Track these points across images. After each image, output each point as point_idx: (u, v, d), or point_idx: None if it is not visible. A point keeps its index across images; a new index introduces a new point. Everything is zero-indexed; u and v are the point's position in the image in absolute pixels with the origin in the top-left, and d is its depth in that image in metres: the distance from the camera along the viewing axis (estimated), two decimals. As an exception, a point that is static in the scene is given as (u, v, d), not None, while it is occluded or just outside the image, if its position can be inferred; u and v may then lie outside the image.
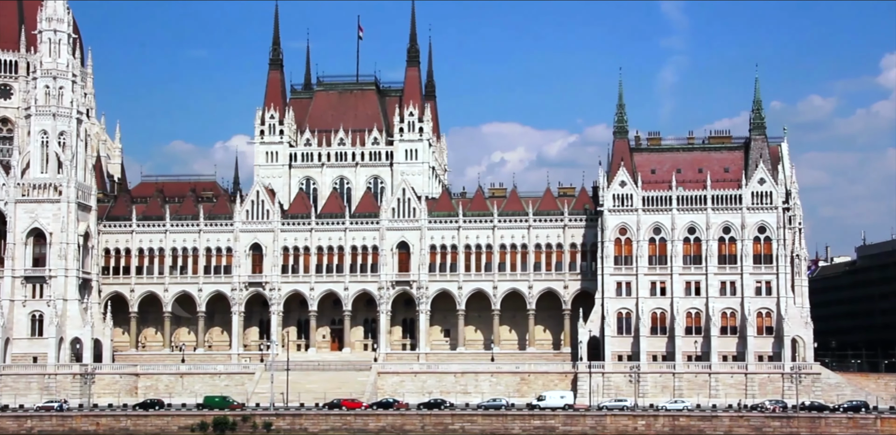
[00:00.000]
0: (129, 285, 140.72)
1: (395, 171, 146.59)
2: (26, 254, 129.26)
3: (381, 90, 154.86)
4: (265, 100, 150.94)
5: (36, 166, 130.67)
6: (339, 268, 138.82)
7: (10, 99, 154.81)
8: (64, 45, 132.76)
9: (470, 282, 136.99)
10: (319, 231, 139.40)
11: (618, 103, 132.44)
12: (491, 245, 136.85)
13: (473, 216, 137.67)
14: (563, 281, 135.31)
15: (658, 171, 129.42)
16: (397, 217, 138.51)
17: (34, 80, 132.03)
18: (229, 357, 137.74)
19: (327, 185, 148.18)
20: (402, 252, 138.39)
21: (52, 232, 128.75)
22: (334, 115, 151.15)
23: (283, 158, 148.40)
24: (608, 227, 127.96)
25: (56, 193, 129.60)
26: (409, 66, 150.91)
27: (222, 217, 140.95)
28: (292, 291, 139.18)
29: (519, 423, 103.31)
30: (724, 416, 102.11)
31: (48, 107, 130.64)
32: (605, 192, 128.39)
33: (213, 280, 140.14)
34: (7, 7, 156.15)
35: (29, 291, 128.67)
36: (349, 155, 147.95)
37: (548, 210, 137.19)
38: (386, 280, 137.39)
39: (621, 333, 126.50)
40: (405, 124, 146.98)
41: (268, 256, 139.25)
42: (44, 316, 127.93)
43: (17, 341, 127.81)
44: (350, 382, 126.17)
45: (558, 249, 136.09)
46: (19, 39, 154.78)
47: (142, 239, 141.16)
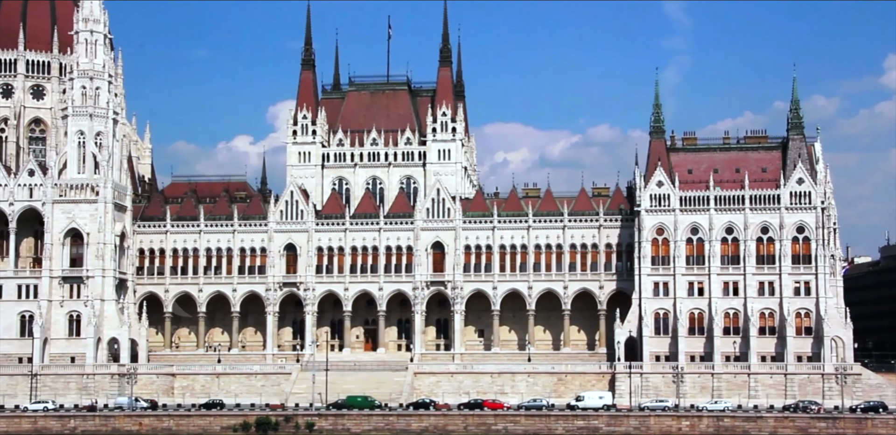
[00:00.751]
0: (163, 286, 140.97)
1: (428, 171, 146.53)
2: (63, 254, 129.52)
3: (413, 90, 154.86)
4: (297, 100, 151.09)
5: (73, 167, 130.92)
6: (374, 268, 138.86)
7: (42, 99, 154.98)
8: (100, 45, 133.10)
9: (505, 282, 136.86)
10: (354, 231, 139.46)
11: (654, 103, 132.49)
12: (526, 245, 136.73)
13: (508, 216, 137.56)
14: (598, 281, 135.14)
15: (695, 171, 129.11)
16: (432, 217, 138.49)
17: (71, 80, 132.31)
18: (264, 357, 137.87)
19: (360, 185, 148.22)
20: (437, 252, 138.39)
21: (90, 232, 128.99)
22: (367, 115, 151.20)
23: (315, 159, 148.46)
24: (645, 227, 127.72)
25: (93, 194, 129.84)
26: (442, 66, 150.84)
27: (256, 217, 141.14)
28: (326, 292, 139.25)
29: (562, 423, 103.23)
30: (769, 416, 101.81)
31: (85, 107, 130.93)
32: (641, 193, 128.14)
33: (248, 280, 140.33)
34: (40, 8, 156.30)
35: (66, 291, 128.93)
36: (382, 155, 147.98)
37: (583, 210, 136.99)
38: (420, 280, 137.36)
39: (659, 333, 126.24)
40: (438, 124, 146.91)
41: (302, 256, 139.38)
42: (81, 316, 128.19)
43: (55, 341, 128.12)
44: (387, 383, 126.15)
45: (593, 249, 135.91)
46: (52, 40, 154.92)
47: (176, 239, 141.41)
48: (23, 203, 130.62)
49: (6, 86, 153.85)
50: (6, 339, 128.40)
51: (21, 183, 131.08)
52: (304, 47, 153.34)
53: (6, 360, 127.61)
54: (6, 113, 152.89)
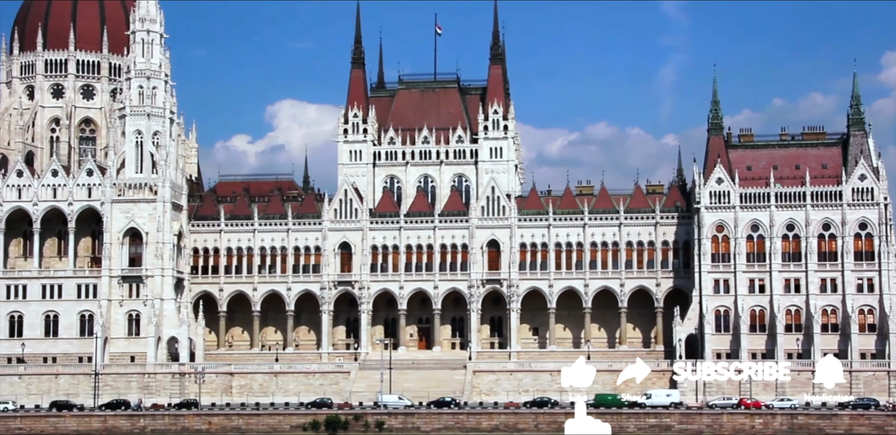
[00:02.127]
0: (217, 284, 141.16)
1: (480, 169, 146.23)
2: (122, 254, 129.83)
3: (461, 88, 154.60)
4: (348, 99, 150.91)
5: (131, 166, 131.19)
6: (429, 266, 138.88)
7: (92, 99, 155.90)
8: (156, 45, 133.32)
9: (561, 280, 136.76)
10: (408, 230, 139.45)
11: (712, 100, 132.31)
12: (582, 243, 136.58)
13: (564, 214, 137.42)
14: (655, 279, 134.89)
15: (754, 168, 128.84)
16: (487, 215, 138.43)
17: (128, 80, 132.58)
18: (319, 356, 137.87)
19: (411, 183, 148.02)
20: (492, 250, 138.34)
21: (148, 232, 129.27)
22: (417, 113, 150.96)
23: (366, 157, 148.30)
24: (705, 224, 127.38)
25: (151, 193, 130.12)
26: (493, 63, 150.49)
27: (310, 216, 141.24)
28: (381, 290, 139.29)
29: (633, 421, 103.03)
30: (844, 414, 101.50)
31: (142, 107, 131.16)
32: (701, 190, 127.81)
33: (302, 279, 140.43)
34: (89, 9, 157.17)
35: (125, 290, 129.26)
36: (433, 153, 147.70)
37: (638, 208, 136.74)
38: (476, 279, 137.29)
39: (720, 330, 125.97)
40: (490, 122, 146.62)
41: (357, 254, 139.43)
42: (140, 315, 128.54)
43: (115, 341, 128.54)
44: (447, 381, 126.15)
45: (650, 246, 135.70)
46: (101, 40, 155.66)
47: (230, 238, 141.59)
48: (82, 203, 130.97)
49: (57, 86, 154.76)
50: (66, 338, 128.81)
51: (80, 183, 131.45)
52: (353, 46, 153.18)
53: (67, 359, 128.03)
54: (58, 113, 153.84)
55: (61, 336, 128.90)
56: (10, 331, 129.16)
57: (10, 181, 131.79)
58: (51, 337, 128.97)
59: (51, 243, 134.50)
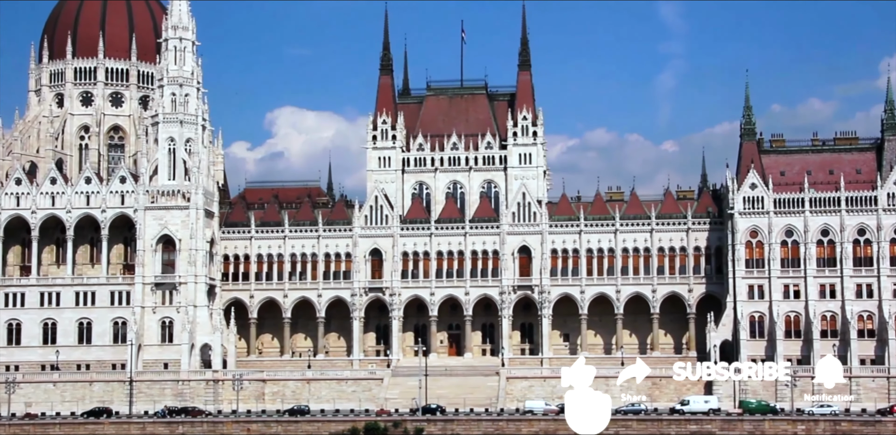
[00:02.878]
0: (248, 291, 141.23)
1: (509, 175, 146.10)
2: (155, 260, 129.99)
3: (489, 94, 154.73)
4: (376, 105, 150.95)
5: (164, 173, 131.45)
6: (460, 273, 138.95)
7: (121, 107, 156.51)
8: (189, 52, 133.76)
9: (592, 286, 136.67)
10: (439, 236, 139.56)
11: (745, 105, 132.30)
12: (613, 249, 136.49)
13: (595, 220, 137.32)
14: (687, 284, 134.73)
15: (787, 174, 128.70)
16: (517, 221, 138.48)
17: (160, 87, 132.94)
18: (350, 363, 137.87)
19: (440, 189, 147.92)
20: (523, 256, 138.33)
21: (181, 238, 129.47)
22: (446, 119, 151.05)
23: (395, 163, 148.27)
24: (739, 230, 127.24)
25: (184, 200, 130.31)
26: (521, 70, 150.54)
27: (340, 223, 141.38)
28: (412, 297, 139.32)
29: (675, 428, 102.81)
30: (889, 420, 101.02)
31: (175, 114, 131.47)
32: (734, 195, 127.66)
33: (333, 286, 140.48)
34: (118, 17, 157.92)
35: (159, 297, 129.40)
36: (462, 159, 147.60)
37: (670, 213, 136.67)
38: (507, 285, 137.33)
39: (754, 336, 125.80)
40: (519, 128, 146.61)
41: (387, 261, 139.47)
42: (174, 322, 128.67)
43: (148, 348, 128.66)
44: (480, 387, 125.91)
45: (682, 252, 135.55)
46: (130, 48, 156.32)
47: (260, 245, 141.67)
48: (115, 210, 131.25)
49: (86, 94, 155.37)
50: (100, 345, 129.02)
51: (113, 190, 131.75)
52: (381, 52, 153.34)
53: (100, 366, 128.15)
54: (87, 121, 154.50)
55: (95, 343, 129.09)
56: (43, 338, 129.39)
57: (43, 189, 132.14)
58: (84, 344, 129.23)
59: (83, 250, 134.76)
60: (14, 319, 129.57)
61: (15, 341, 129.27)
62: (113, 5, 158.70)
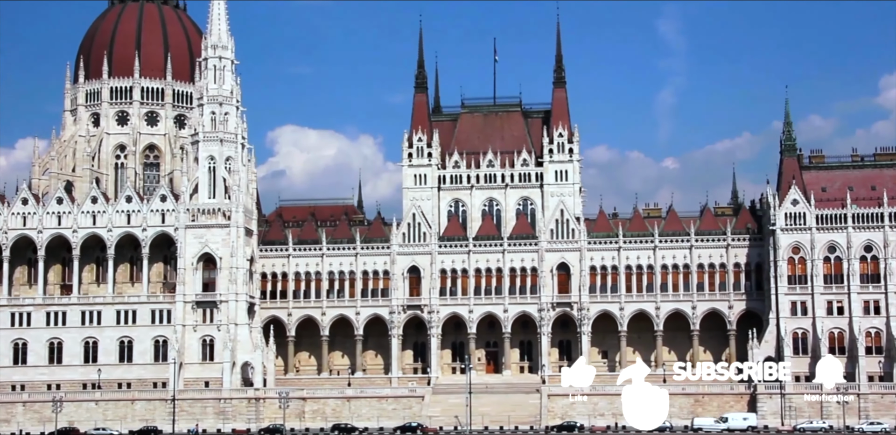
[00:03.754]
0: (286, 309, 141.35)
1: (546, 192, 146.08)
2: (196, 279, 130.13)
3: (524, 111, 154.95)
4: (412, 123, 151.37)
5: (203, 192, 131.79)
6: (498, 290, 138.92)
7: (156, 126, 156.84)
8: (228, 71, 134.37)
9: (632, 303, 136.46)
10: (477, 253, 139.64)
11: (784, 121, 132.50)
12: (652, 265, 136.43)
13: (634, 236, 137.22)
14: (727, 301, 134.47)
15: (829, 189, 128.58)
16: (556, 238, 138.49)
17: (200, 106, 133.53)
18: (389, 381, 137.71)
19: (476, 206, 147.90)
20: (562, 273, 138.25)
21: (222, 257, 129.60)
22: (481, 137, 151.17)
23: (431, 181, 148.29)
24: (781, 246, 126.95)
25: (224, 218, 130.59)
26: (556, 87, 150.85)
27: (378, 240, 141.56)
28: (451, 314, 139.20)
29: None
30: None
31: (215, 133, 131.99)
32: (776, 211, 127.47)
33: (371, 303, 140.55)
34: (153, 36, 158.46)
35: (199, 316, 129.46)
36: (498, 177, 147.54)
37: (709, 229, 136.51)
38: (546, 302, 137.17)
39: (798, 353, 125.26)
40: (554, 145, 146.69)
41: (425, 278, 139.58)
42: (215, 340, 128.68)
43: (189, 366, 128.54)
44: (523, 405, 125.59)
45: (721, 268, 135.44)
46: (165, 68, 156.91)
47: (298, 263, 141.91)
48: (155, 229, 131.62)
49: (122, 113, 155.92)
50: (141, 364, 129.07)
51: (153, 208, 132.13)
52: (416, 70, 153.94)
53: (141, 385, 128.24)
54: (124, 140, 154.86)
55: (136, 362, 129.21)
56: (84, 357, 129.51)
57: (84, 208, 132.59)
58: (125, 362, 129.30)
59: (123, 269, 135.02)
60: (56, 337, 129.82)
61: (57, 360, 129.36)
62: (148, 25, 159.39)
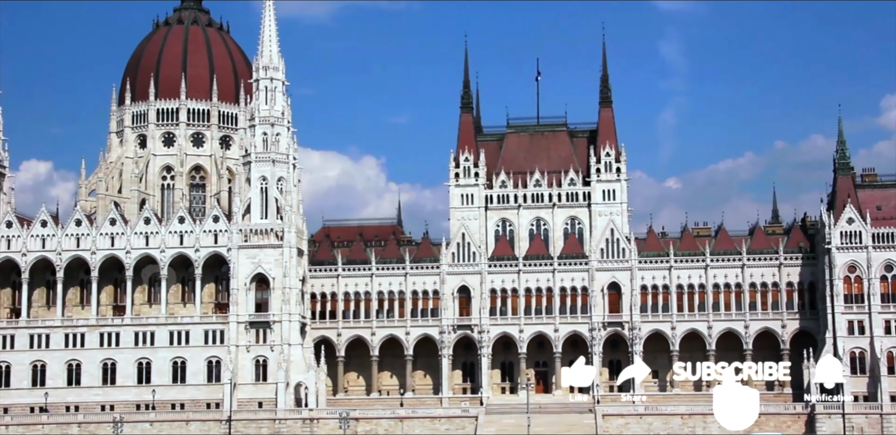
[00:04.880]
0: (335, 329, 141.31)
1: (593, 211, 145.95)
2: (249, 299, 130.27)
3: (569, 131, 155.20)
4: (458, 143, 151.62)
5: (256, 212, 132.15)
6: (549, 309, 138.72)
7: (202, 147, 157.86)
8: (279, 92, 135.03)
9: (683, 322, 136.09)
10: (527, 273, 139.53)
11: (838, 140, 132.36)
12: (704, 285, 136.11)
13: (685, 256, 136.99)
14: (780, 320, 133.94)
15: (884, 208, 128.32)
16: (606, 258, 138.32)
17: (252, 127, 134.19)
18: (439, 401, 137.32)
19: (524, 226, 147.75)
20: (613, 293, 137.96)
21: (275, 277, 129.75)
22: (527, 156, 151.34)
23: (478, 201, 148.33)
24: (837, 265, 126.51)
25: (277, 239, 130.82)
26: (603, 106, 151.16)
27: (427, 260, 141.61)
28: (501, 334, 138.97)
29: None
30: None
31: (267, 153, 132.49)
32: (831, 230, 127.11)
33: (421, 323, 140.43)
34: (198, 58, 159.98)
35: (252, 336, 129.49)
36: (546, 196, 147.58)
37: (760, 248, 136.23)
38: (597, 321, 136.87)
39: (856, 373, 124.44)
40: (602, 165, 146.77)
41: (475, 298, 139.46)
42: (268, 361, 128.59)
43: (242, 386, 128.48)
44: (577, 425, 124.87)
45: (774, 287, 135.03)
46: (211, 89, 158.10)
47: (347, 283, 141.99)
48: (208, 249, 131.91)
49: (168, 134, 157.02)
50: (194, 384, 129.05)
51: (206, 229, 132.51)
52: (462, 90, 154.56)
53: (194, 405, 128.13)
54: (170, 161, 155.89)
55: (189, 382, 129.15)
56: (138, 377, 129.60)
57: (137, 229, 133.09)
58: (178, 383, 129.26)
59: (175, 290, 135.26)
60: (109, 358, 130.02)
61: (110, 381, 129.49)
62: (193, 47, 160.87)
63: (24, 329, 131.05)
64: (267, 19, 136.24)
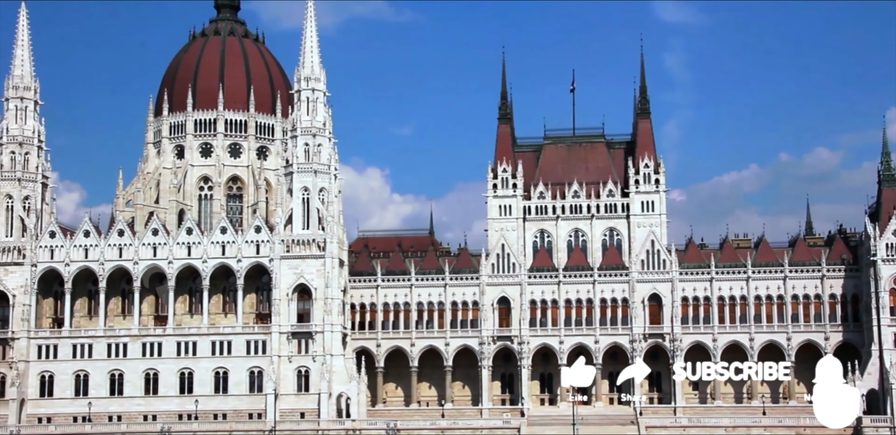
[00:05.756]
0: (374, 340, 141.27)
1: (632, 222, 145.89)
2: (291, 310, 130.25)
3: (607, 142, 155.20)
4: (496, 154, 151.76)
5: (298, 223, 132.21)
6: (589, 321, 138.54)
7: (239, 158, 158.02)
8: (320, 103, 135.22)
9: (725, 334, 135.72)
10: (567, 284, 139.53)
11: (882, 151, 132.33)
12: (745, 296, 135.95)
13: (727, 267, 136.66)
14: (823, 332, 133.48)
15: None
16: (646, 269, 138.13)
17: (294, 137, 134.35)
18: (479, 412, 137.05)
19: (562, 237, 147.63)
20: (653, 304, 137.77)
21: (317, 287, 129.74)
22: (565, 168, 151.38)
23: (516, 211, 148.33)
24: (882, 277, 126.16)
25: (319, 249, 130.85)
26: (641, 117, 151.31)
27: (467, 271, 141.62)
28: (541, 345, 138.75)
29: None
30: None
31: (309, 164, 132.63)
32: (876, 242, 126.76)
33: (460, 334, 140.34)
34: (235, 69, 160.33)
35: (294, 346, 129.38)
36: (584, 207, 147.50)
37: (803, 260, 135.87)
38: (638, 333, 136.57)
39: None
40: (641, 176, 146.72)
41: (515, 309, 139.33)
42: (310, 371, 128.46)
43: (285, 397, 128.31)
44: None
45: (816, 299, 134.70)
46: (248, 100, 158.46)
47: (387, 294, 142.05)
48: (250, 259, 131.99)
49: (206, 145, 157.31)
50: (236, 395, 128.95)
51: (248, 239, 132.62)
52: (500, 101, 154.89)
53: (237, 416, 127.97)
54: (208, 172, 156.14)
55: (231, 392, 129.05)
56: (180, 387, 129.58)
57: (179, 239, 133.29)
58: (221, 393, 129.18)
59: (216, 300, 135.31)
60: (152, 368, 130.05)
61: (153, 391, 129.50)
62: (230, 58, 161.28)
63: (68, 339, 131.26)
64: (308, 30, 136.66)
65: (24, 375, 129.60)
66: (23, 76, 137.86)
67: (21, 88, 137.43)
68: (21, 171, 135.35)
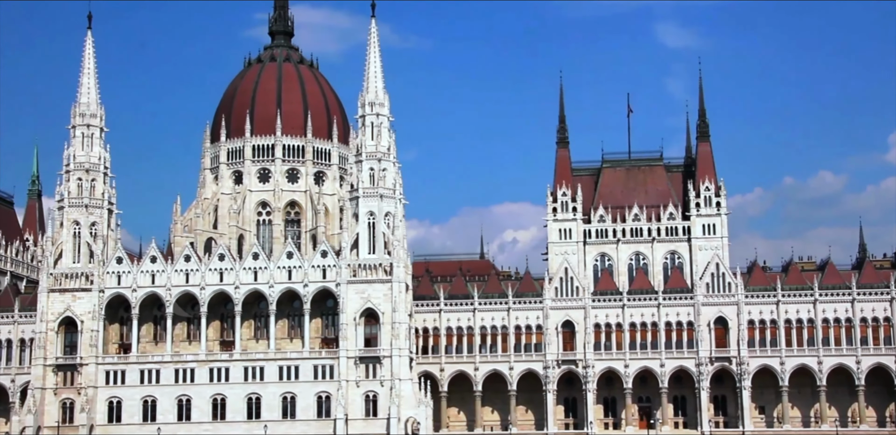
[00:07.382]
0: (438, 364, 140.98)
1: (693, 246, 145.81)
2: (358, 334, 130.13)
3: (665, 165, 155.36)
4: (555, 178, 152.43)
5: (364, 247, 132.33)
6: (654, 344, 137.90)
7: (296, 183, 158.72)
8: (384, 128, 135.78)
9: (792, 357, 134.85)
10: (631, 307, 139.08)
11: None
12: (813, 319, 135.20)
13: (794, 290, 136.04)
14: (893, 356, 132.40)
15: None
16: (712, 292, 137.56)
17: (358, 162, 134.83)
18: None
19: (623, 260, 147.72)
20: (719, 327, 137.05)
21: (384, 312, 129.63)
22: (624, 191, 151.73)
23: (576, 235, 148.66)
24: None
25: (385, 274, 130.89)
26: (700, 140, 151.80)
27: (530, 295, 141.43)
28: (605, 369, 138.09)
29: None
30: None
31: (375, 189, 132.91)
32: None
33: (524, 358, 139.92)
34: (292, 95, 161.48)
35: (362, 371, 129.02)
36: (645, 231, 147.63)
37: (870, 283, 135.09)
38: (704, 356, 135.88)
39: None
40: (701, 199, 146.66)
41: (579, 333, 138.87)
42: (378, 396, 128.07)
43: (353, 422, 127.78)
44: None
45: (886, 322, 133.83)
46: (305, 126, 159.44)
47: (450, 318, 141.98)
48: (317, 284, 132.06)
49: (264, 170, 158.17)
50: (304, 420, 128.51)
51: (314, 264, 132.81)
52: (558, 126, 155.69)
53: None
54: (266, 197, 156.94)
55: (299, 417, 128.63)
56: (248, 413, 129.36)
57: (245, 264, 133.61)
58: (288, 418, 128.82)
59: (281, 324, 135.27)
60: (219, 393, 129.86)
61: (220, 416, 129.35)
62: (287, 84, 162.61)
63: (135, 365, 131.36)
64: (371, 55, 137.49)
65: (93, 401, 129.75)
66: (89, 104, 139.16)
67: (87, 116, 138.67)
68: (88, 198, 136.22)
